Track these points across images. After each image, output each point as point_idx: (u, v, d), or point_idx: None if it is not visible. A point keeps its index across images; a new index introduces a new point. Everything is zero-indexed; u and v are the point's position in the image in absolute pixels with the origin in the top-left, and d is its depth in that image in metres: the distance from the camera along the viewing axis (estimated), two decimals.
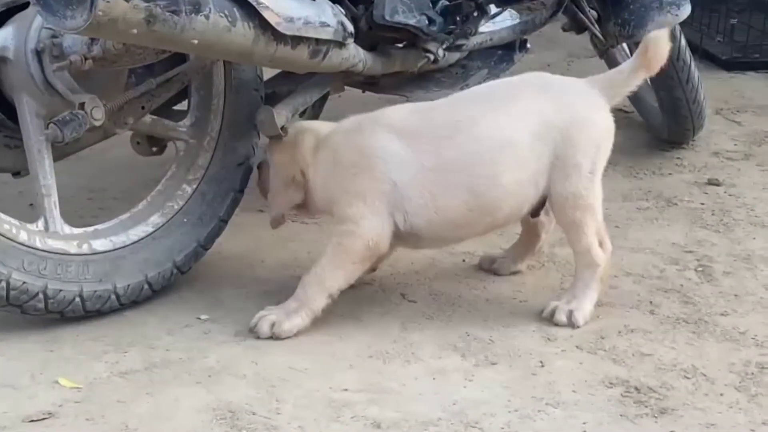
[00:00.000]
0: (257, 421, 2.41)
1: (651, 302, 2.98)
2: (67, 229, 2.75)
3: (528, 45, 5.36)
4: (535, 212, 2.97)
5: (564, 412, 2.47)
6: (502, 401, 2.51)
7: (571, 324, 2.83)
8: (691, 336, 2.82)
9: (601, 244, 2.90)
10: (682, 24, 5.20)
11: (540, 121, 2.81)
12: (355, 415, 2.44)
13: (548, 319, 2.86)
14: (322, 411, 2.45)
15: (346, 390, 2.53)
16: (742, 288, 3.08)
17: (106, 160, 3.73)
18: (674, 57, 3.90)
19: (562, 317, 2.84)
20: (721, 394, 2.55)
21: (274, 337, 2.74)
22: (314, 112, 3.82)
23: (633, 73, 2.91)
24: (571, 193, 2.82)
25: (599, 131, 2.87)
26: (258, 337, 2.74)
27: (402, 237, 2.84)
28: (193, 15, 2.45)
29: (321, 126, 2.98)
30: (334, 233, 2.81)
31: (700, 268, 3.20)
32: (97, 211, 3.31)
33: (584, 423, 2.43)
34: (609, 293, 2.95)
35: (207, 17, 2.48)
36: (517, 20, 3.57)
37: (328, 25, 2.77)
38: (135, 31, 2.38)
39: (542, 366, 2.66)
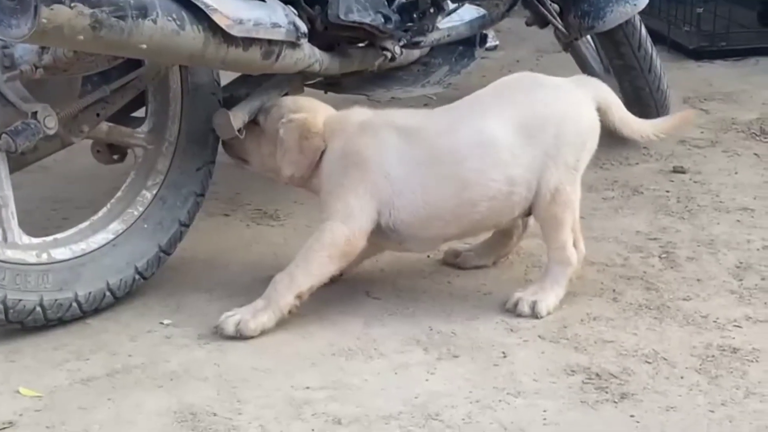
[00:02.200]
0: (218, 422, 2.41)
1: (614, 290, 2.99)
2: (26, 239, 2.75)
3: (496, 42, 5.44)
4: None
5: (525, 400, 2.48)
6: (463, 393, 2.51)
7: (534, 315, 2.84)
8: (653, 321, 2.83)
9: (575, 244, 2.91)
10: (650, 14, 5.26)
11: (531, 118, 2.85)
12: (315, 412, 2.44)
13: (511, 310, 2.87)
14: (283, 409, 2.45)
15: (307, 388, 2.54)
16: (704, 273, 3.09)
17: (70, 170, 3.73)
18: (636, 47, 3.93)
19: (524, 308, 2.85)
20: (682, 377, 2.56)
21: (239, 335, 2.74)
22: None
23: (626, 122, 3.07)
24: (554, 188, 2.84)
25: (585, 129, 2.92)
26: (224, 337, 2.74)
27: (385, 235, 2.86)
28: (140, 20, 2.46)
29: (344, 115, 2.99)
30: (319, 228, 2.83)
31: (663, 255, 3.21)
32: (61, 222, 3.30)
33: (545, 411, 2.44)
34: (572, 283, 2.95)
35: (154, 21, 2.49)
36: (475, 15, 3.58)
37: (280, 26, 2.78)
38: (81, 37, 2.38)
39: (504, 357, 2.67)
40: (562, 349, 2.70)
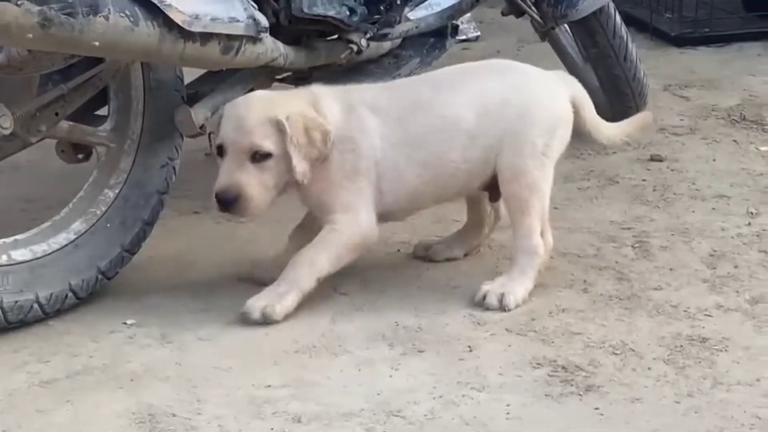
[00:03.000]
0: (177, 422, 2.38)
1: (585, 281, 2.96)
2: None
3: (478, 33, 5.40)
4: (493, 195, 2.98)
5: (488, 395, 2.45)
6: (427, 388, 2.48)
7: (503, 307, 2.80)
8: (623, 312, 2.79)
9: (542, 234, 2.88)
10: (633, 2, 5.23)
11: (493, 100, 2.87)
12: (276, 410, 2.41)
13: (480, 303, 2.83)
14: (243, 408, 2.42)
15: (269, 386, 2.51)
16: (677, 261, 3.06)
17: (41, 170, 3.70)
18: (610, 35, 3.88)
19: (493, 300, 2.82)
20: (649, 368, 2.53)
21: (265, 320, 2.74)
22: None
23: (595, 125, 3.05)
24: (520, 169, 2.84)
25: (556, 115, 2.92)
26: (251, 323, 2.74)
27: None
28: (90, 17, 2.43)
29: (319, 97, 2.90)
30: (331, 221, 2.83)
31: (637, 245, 3.17)
32: (30, 222, 3.24)
33: (508, 405, 2.41)
34: (543, 274, 2.92)
35: (106, 18, 2.46)
36: (444, 5, 3.54)
37: (238, 20, 2.75)
38: (30, 35, 2.36)
39: (470, 351, 2.63)
40: (529, 342, 2.66)
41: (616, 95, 4.03)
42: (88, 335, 2.74)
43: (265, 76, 3.22)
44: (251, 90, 3.31)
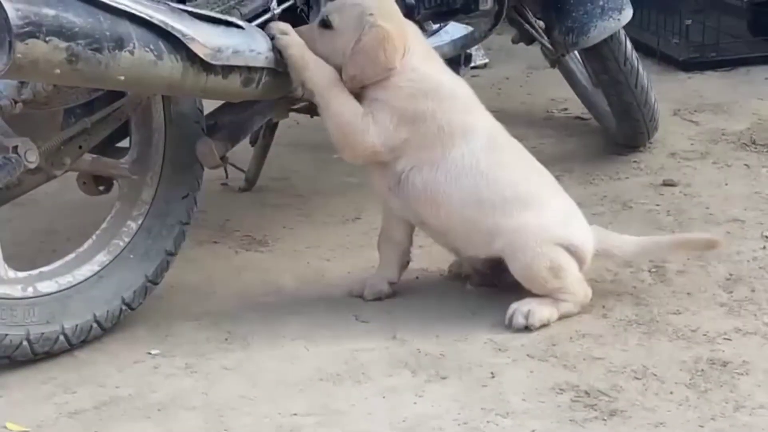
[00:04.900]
0: None
1: (604, 306, 2.98)
2: (11, 274, 2.75)
3: (486, 60, 5.44)
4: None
5: (513, 420, 2.47)
6: (451, 415, 2.50)
7: (528, 326, 2.84)
8: (643, 337, 2.82)
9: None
10: (639, 27, 5.26)
11: None
12: None
13: (508, 324, 2.86)
14: None
15: (295, 414, 2.53)
16: (694, 286, 3.08)
17: (60, 202, 3.72)
18: (621, 61, 3.92)
19: (519, 319, 2.86)
20: (671, 393, 2.55)
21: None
22: (265, 141, 3.84)
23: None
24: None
25: None
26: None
27: None
28: (116, 51, 2.46)
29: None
30: None
31: (653, 270, 3.20)
32: (50, 254, 3.28)
33: (533, 430, 2.43)
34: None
35: (131, 53, 2.49)
36: (463, 33, 3.57)
37: (260, 53, 2.78)
38: (58, 71, 2.39)
39: (492, 377, 2.66)
40: (550, 368, 2.69)
41: (627, 121, 4.07)
42: (113, 365, 2.77)
43: (284, 105, 3.26)
44: (268, 124, 3.36)
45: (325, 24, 2.90)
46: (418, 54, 2.91)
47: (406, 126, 2.86)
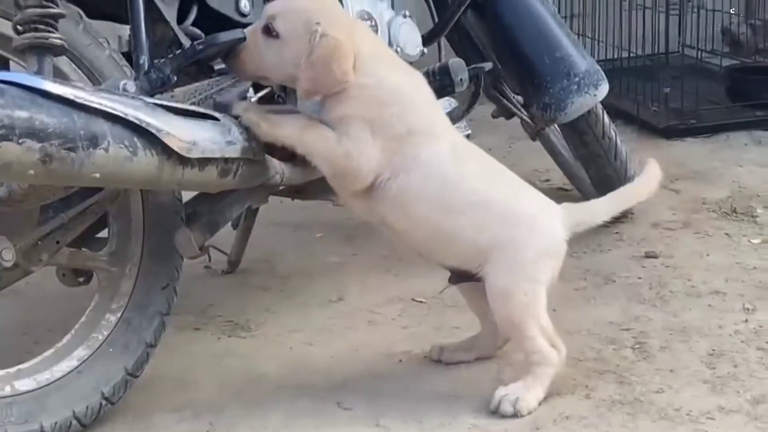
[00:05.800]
0: None
1: (587, 386, 2.97)
2: None
3: (469, 131, 5.45)
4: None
5: None
6: None
7: (516, 413, 2.82)
8: (627, 417, 2.80)
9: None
10: (618, 95, 5.31)
11: None
12: None
13: (494, 410, 2.84)
14: None
15: None
16: (677, 362, 3.07)
17: (39, 293, 3.71)
18: (599, 135, 3.96)
19: (507, 407, 2.83)
20: None
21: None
22: (247, 223, 3.85)
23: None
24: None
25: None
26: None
27: None
28: (91, 149, 2.47)
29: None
30: None
31: (636, 346, 3.19)
32: (32, 346, 3.29)
33: None
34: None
35: (106, 150, 2.50)
36: (448, 108, 3.59)
37: (235, 144, 2.79)
38: (32, 171, 2.40)
39: None
40: None
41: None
42: None
43: (263, 192, 3.26)
44: (249, 207, 3.37)
45: (269, 31, 2.77)
46: (370, 57, 2.79)
47: (378, 133, 2.78)
